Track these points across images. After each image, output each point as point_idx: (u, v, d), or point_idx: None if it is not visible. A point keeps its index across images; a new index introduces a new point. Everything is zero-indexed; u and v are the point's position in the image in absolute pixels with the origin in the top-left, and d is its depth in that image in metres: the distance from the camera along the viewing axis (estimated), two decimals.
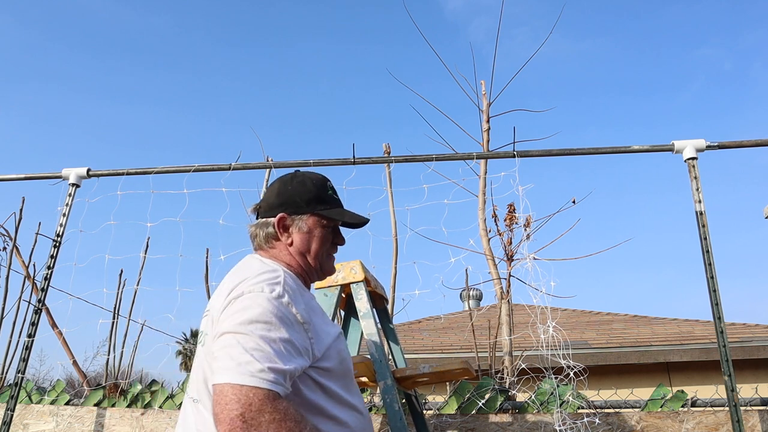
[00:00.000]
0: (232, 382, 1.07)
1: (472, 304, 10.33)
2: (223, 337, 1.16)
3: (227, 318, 1.19)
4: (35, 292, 2.92)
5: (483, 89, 3.73)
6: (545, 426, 2.44)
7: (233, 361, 1.10)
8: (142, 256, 2.96)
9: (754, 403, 2.48)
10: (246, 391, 1.06)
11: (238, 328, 1.15)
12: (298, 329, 1.21)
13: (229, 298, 1.22)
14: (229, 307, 1.21)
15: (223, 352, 1.13)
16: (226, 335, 1.15)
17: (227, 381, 1.08)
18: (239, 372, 1.08)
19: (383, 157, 2.96)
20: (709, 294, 2.42)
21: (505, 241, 3.02)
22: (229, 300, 1.22)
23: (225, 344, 1.14)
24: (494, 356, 2.88)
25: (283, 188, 1.50)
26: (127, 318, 2.95)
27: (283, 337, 1.16)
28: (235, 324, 1.16)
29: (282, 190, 1.50)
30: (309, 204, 1.47)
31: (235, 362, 1.09)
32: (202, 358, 1.28)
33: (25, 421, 2.78)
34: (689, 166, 2.62)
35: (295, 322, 1.21)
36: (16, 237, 3.10)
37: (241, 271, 1.32)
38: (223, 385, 1.08)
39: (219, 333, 1.18)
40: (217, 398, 1.08)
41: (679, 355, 7.35)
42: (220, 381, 1.09)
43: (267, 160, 3.00)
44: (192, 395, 1.29)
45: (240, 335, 1.14)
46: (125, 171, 2.95)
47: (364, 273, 2.16)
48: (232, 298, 1.22)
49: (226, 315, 1.20)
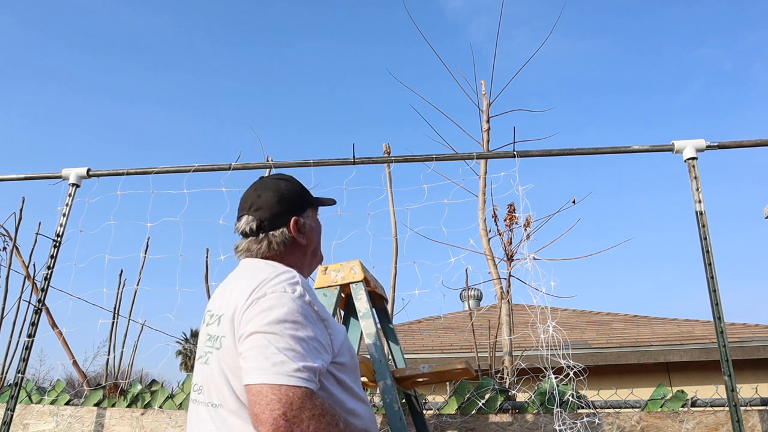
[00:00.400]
0: (271, 382, 1.09)
1: (472, 304, 10.33)
2: (252, 337, 1.16)
3: (253, 318, 1.19)
4: (35, 292, 2.92)
5: (483, 89, 3.73)
6: (545, 426, 2.44)
7: (268, 361, 1.11)
8: (142, 256, 2.96)
9: (754, 403, 2.48)
10: (285, 391, 1.08)
11: (268, 327, 1.16)
12: (320, 327, 1.24)
13: (252, 299, 1.22)
14: (252, 307, 1.21)
15: (255, 352, 1.14)
16: (256, 335, 1.16)
17: (265, 381, 1.09)
18: (276, 372, 1.10)
19: (383, 157, 2.96)
20: (709, 294, 2.42)
21: (505, 241, 3.02)
22: (252, 301, 1.22)
23: (256, 344, 1.15)
24: (494, 356, 2.88)
25: (281, 194, 1.48)
26: (127, 318, 2.95)
27: (310, 336, 1.18)
28: (263, 324, 1.16)
29: (281, 196, 1.47)
30: (306, 199, 1.51)
31: (270, 362, 1.11)
32: (221, 361, 1.25)
33: (25, 421, 2.78)
34: (689, 166, 2.62)
35: (317, 319, 1.24)
36: (16, 237, 3.10)
37: (256, 273, 1.31)
38: (261, 386, 1.09)
39: (246, 333, 1.18)
40: (255, 398, 1.09)
41: (679, 355, 7.35)
42: (257, 381, 1.10)
43: (267, 160, 3.00)
44: (211, 401, 1.26)
45: (270, 335, 1.15)
46: (125, 171, 2.95)
47: (363, 273, 2.16)
48: (255, 299, 1.22)
49: (250, 315, 1.20)
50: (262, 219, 1.44)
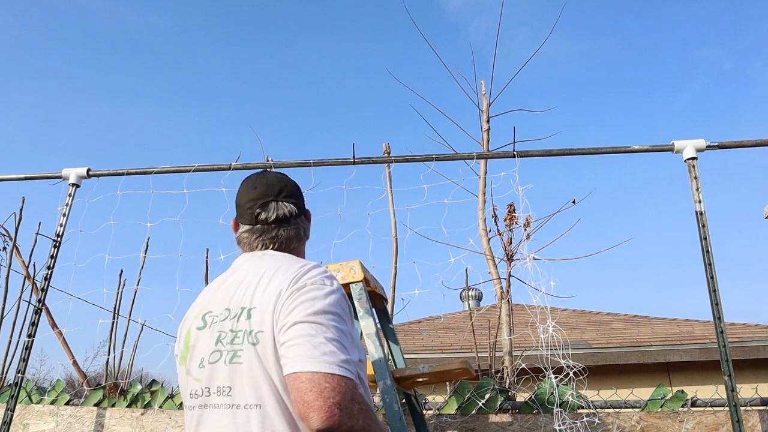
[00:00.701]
0: (324, 371, 1.07)
1: (472, 304, 10.33)
2: (297, 326, 1.14)
3: (295, 308, 1.17)
4: (35, 292, 2.92)
5: (483, 89, 3.73)
6: (545, 426, 2.43)
7: (317, 350, 1.10)
8: (142, 256, 2.96)
9: (754, 403, 2.48)
10: (338, 381, 1.07)
11: (313, 318, 1.15)
12: (352, 322, 1.25)
13: (291, 290, 1.20)
14: (293, 298, 1.19)
15: (303, 341, 1.11)
16: (302, 324, 1.14)
17: (318, 369, 1.07)
18: (327, 362, 1.08)
19: (383, 157, 2.96)
20: (709, 294, 2.42)
21: (505, 241, 3.02)
22: (291, 292, 1.20)
23: (303, 333, 1.13)
24: (494, 356, 2.88)
25: (295, 186, 1.51)
26: (127, 318, 2.95)
27: (348, 329, 1.19)
28: (307, 314, 1.15)
29: (295, 187, 1.51)
30: None
31: (320, 351, 1.10)
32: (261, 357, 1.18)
33: (25, 421, 2.78)
34: (689, 166, 2.62)
35: (350, 315, 1.25)
36: (16, 237, 3.11)
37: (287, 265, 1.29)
38: (313, 374, 1.07)
39: (289, 323, 1.15)
40: (306, 386, 1.06)
41: (679, 355, 7.34)
42: (309, 369, 1.08)
43: (267, 160, 3.00)
44: (245, 402, 1.18)
45: (317, 325, 1.14)
46: (125, 171, 2.95)
47: (363, 273, 2.16)
48: (294, 290, 1.20)
49: (291, 306, 1.17)
50: (297, 206, 1.47)
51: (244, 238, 1.46)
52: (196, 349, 1.30)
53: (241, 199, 1.49)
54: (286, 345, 1.14)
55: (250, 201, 1.46)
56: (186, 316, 1.42)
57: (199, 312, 1.36)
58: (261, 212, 1.44)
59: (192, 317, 1.37)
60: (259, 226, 1.44)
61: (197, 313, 1.36)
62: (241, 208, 1.48)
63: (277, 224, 1.44)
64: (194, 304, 1.43)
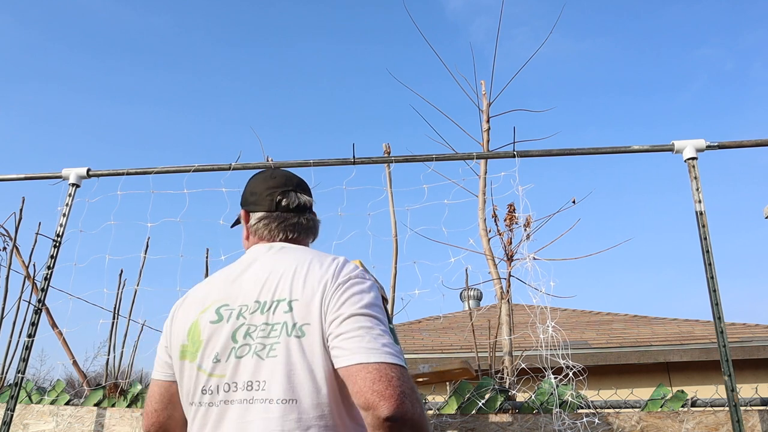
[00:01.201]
0: (389, 361, 1.11)
1: (472, 304, 10.34)
2: (353, 319, 1.16)
3: (346, 301, 1.19)
4: (35, 292, 2.92)
5: (483, 89, 3.73)
6: (545, 426, 2.44)
7: (378, 341, 1.13)
8: (142, 256, 2.96)
9: (754, 403, 2.48)
10: (402, 371, 1.11)
11: (367, 310, 1.18)
12: None
13: (337, 283, 1.22)
14: (340, 290, 1.21)
15: (363, 332, 1.14)
16: (357, 317, 1.17)
17: (383, 360, 1.11)
18: (388, 352, 1.12)
19: (383, 157, 2.96)
20: (709, 294, 2.42)
21: (505, 241, 3.02)
22: (337, 285, 1.22)
23: (361, 325, 1.15)
24: (494, 356, 2.88)
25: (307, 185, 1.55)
26: (127, 318, 2.95)
27: (390, 323, 1.23)
28: (360, 307, 1.18)
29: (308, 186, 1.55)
30: None
31: (380, 342, 1.13)
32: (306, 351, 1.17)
33: (25, 421, 2.78)
34: (689, 166, 2.62)
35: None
36: (16, 237, 3.10)
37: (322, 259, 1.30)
38: (379, 364, 1.10)
39: (343, 316, 1.17)
40: (375, 375, 1.08)
41: (679, 355, 7.35)
42: (375, 360, 1.10)
43: (267, 160, 3.00)
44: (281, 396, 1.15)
45: (371, 317, 1.17)
46: (125, 171, 2.95)
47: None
48: (340, 283, 1.22)
49: (342, 299, 1.20)
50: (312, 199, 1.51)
51: (261, 226, 1.44)
52: (211, 343, 1.26)
53: (257, 188, 1.48)
54: (343, 337, 1.15)
55: (270, 189, 1.46)
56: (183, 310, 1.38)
57: (209, 305, 1.32)
58: (282, 199, 1.45)
59: (197, 310, 1.33)
60: (279, 213, 1.44)
61: (206, 306, 1.32)
62: (258, 195, 1.47)
63: (297, 212, 1.45)
64: (195, 296, 1.39)
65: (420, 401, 1.12)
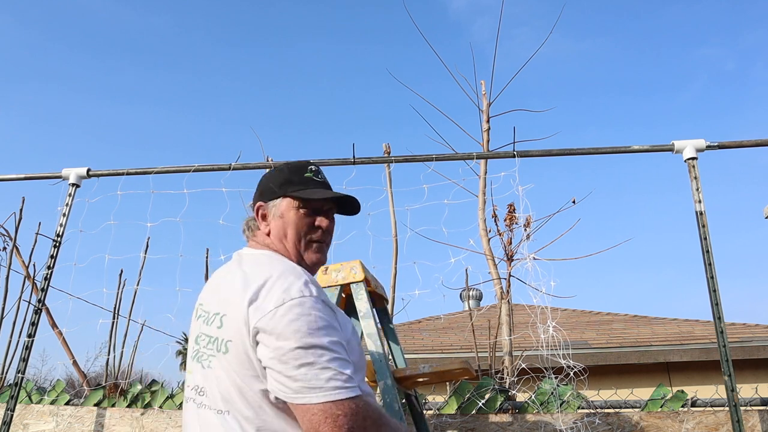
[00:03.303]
0: (333, 399, 1.09)
1: (472, 304, 10.32)
2: (293, 354, 1.10)
3: (283, 330, 1.11)
4: (35, 292, 2.92)
5: (483, 89, 3.73)
6: (545, 426, 2.43)
7: (318, 379, 1.09)
8: (142, 256, 2.96)
9: (754, 403, 2.48)
10: (348, 405, 1.09)
11: (305, 341, 1.11)
12: (336, 324, 1.20)
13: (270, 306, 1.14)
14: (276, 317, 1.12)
15: (304, 370, 1.09)
16: (296, 351, 1.10)
17: (327, 400, 1.08)
18: (333, 388, 1.09)
19: (383, 157, 2.96)
20: (709, 294, 2.42)
21: (505, 241, 3.02)
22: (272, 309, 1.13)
23: (300, 362, 1.10)
24: (494, 356, 2.88)
25: (263, 179, 1.49)
26: (127, 318, 2.95)
27: (337, 340, 1.15)
28: (299, 338, 1.11)
29: (261, 180, 1.49)
30: (281, 187, 1.41)
31: (324, 378, 1.10)
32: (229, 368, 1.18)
33: (25, 421, 2.78)
34: (689, 166, 2.62)
35: (334, 318, 1.20)
36: (16, 237, 3.10)
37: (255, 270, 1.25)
38: (324, 404, 1.08)
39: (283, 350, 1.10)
40: (319, 417, 1.08)
41: (679, 355, 7.34)
42: (319, 401, 1.08)
43: (267, 160, 3.00)
44: (217, 407, 1.19)
45: (312, 349, 1.11)
46: (125, 171, 2.95)
47: (364, 273, 2.16)
48: (275, 306, 1.13)
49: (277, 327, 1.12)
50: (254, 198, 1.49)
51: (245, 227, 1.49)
52: (192, 341, 1.33)
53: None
54: (283, 374, 1.11)
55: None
56: None
57: (197, 301, 1.38)
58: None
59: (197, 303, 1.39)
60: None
61: (197, 302, 1.38)
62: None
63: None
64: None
65: (376, 420, 1.12)
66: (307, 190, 1.40)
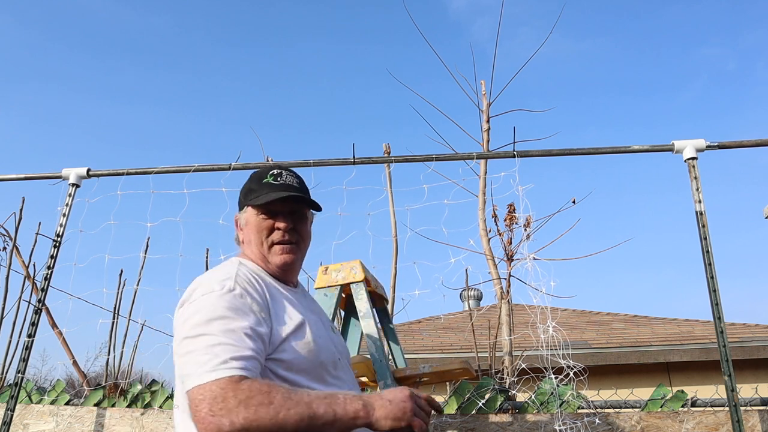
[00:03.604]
0: (197, 384, 1.11)
1: (472, 304, 10.32)
2: (182, 344, 1.19)
3: (182, 323, 1.22)
4: (35, 292, 2.92)
5: (483, 89, 3.73)
6: (545, 426, 2.43)
7: (195, 366, 1.13)
8: (142, 256, 2.96)
9: (754, 403, 2.48)
10: (208, 387, 1.09)
11: (193, 330, 1.18)
12: (253, 318, 1.23)
13: (181, 302, 1.28)
14: (180, 312, 1.26)
15: (186, 359, 1.17)
16: (185, 341, 1.19)
17: (194, 384, 1.11)
18: (200, 373, 1.12)
19: (383, 157, 2.96)
20: (709, 294, 2.42)
21: (505, 241, 3.02)
22: (181, 304, 1.28)
23: (186, 351, 1.17)
24: (494, 356, 2.88)
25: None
26: (127, 318, 2.95)
27: (240, 326, 1.19)
28: (189, 328, 1.19)
29: None
30: (246, 197, 1.51)
31: (196, 365, 1.13)
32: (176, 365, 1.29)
33: (25, 421, 2.78)
34: (689, 166, 2.62)
35: (249, 311, 1.24)
36: (16, 237, 3.11)
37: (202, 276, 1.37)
38: (191, 390, 1.11)
39: (178, 340, 1.21)
40: (191, 403, 1.11)
41: (679, 355, 7.34)
42: (189, 387, 1.12)
43: (267, 160, 3.00)
44: (176, 403, 1.30)
45: (197, 338, 1.17)
46: (125, 171, 2.95)
47: (364, 273, 2.16)
48: (183, 301, 1.27)
49: (180, 321, 1.24)
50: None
51: None
52: None
53: None
54: (176, 363, 1.20)
55: None
56: None
57: None
58: None
59: None
60: None
61: None
62: None
63: None
64: None
65: (246, 401, 1.07)
66: (261, 195, 1.46)
